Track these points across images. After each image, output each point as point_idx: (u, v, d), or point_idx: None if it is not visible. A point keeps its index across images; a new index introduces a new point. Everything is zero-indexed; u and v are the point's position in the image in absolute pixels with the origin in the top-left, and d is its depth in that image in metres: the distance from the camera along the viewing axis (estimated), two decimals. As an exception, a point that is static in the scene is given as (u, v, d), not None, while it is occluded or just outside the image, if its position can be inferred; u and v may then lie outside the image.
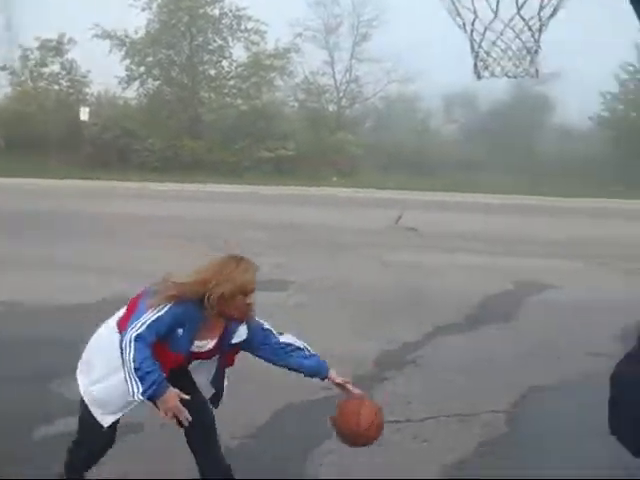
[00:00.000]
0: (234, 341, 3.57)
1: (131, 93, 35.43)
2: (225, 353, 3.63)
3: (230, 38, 34.84)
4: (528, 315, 8.67)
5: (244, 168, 31.37)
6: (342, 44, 38.71)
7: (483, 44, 3.04)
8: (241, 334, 3.57)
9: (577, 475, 4.29)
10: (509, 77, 3.10)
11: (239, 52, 35.25)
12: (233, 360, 3.73)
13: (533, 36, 3.02)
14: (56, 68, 34.80)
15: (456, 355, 6.84)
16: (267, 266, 11.20)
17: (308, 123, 36.10)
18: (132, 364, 3.17)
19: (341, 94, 39.21)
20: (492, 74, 3.13)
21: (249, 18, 34.19)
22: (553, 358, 6.80)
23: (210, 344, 3.52)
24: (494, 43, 3.05)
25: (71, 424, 4.74)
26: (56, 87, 35.12)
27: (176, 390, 3.27)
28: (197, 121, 33.78)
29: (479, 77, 3.22)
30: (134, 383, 3.19)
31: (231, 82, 35.54)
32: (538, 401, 5.74)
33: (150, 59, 34.22)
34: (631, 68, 35.57)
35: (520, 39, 3.03)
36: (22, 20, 40.52)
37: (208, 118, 34.58)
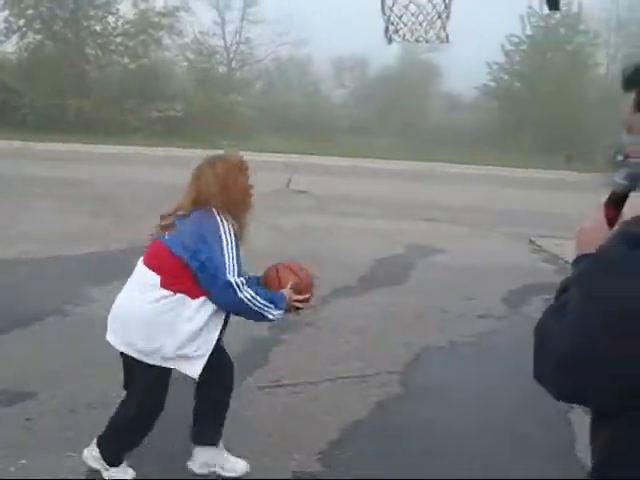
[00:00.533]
0: None
1: (10, 47, 33.72)
2: None
3: (117, -7, 33.62)
4: (418, 278, 8.86)
5: (133, 128, 30.52)
6: (233, 4, 38.14)
7: (394, 8, 3.03)
8: None
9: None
10: (419, 42, 3.10)
11: (126, 8, 34.06)
12: None
13: (444, 1, 3.03)
14: None
15: (351, 317, 6.93)
16: (154, 229, 11.02)
17: (198, 84, 35.44)
18: (255, 299, 3.38)
19: (232, 55, 38.68)
20: (403, 38, 3.13)
21: (138, -28, 33.12)
22: (443, 319, 7.00)
23: None
24: (406, 7, 3.05)
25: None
26: None
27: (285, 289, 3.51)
28: (83, 78, 32.50)
29: (390, 41, 3.22)
30: (267, 309, 3.43)
31: (118, 39, 34.36)
32: (430, 361, 5.89)
33: (31, 12, 32.57)
34: (516, 39, 36.57)
35: (432, 3, 3.03)
36: None
37: (94, 75, 33.40)
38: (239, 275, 3.39)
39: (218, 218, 3.43)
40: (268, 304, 3.42)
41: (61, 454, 3.88)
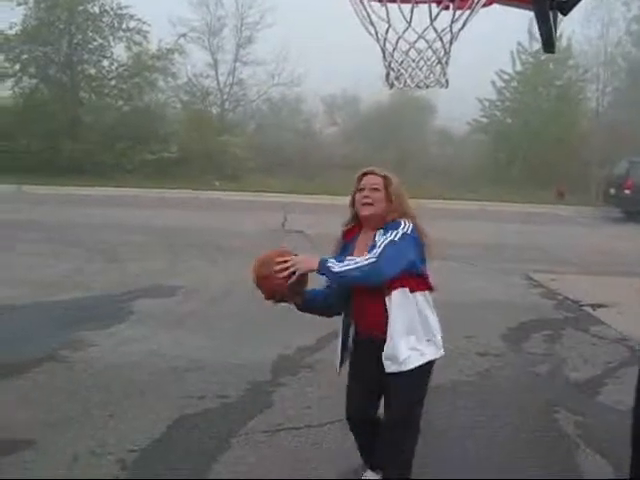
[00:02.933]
0: None
1: (5, 92, 33.94)
2: None
3: (111, 37, 33.91)
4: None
5: (126, 171, 30.62)
6: (226, 46, 38.50)
7: (395, 54, 3.08)
8: None
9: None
10: (420, 87, 3.15)
11: (120, 52, 34.39)
12: None
13: (444, 47, 3.08)
14: None
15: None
16: (152, 271, 11.04)
17: (192, 125, 35.64)
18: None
19: (225, 96, 38.96)
20: (404, 84, 3.18)
21: (131, 17, 33.40)
22: (442, 357, 6.94)
23: None
24: (407, 53, 3.09)
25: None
26: None
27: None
28: (77, 122, 32.68)
29: (391, 87, 3.27)
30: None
31: (112, 82, 34.62)
32: (430, 400, 5.84)
33: (26, 56, 32.85)
34: (507, 76, 36.93)
35: (432, 49, 3.08)
36: None
37: (88, 119, 33.59)
38: None
39: None
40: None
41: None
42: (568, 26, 32.60)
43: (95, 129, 32.79)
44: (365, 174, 3.76)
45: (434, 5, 2.94)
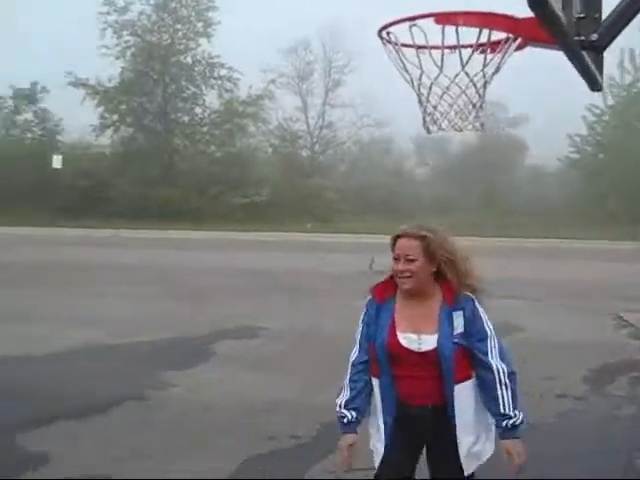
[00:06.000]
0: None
1: (104, 141, 35.52)
2: None
3: (203, 86, 35.21)
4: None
5: (219, 215, 31.37)
6: (315, 90, 39.24)
7: (430, 98, 3.13)
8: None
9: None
10: (456, 130, 3.18)
11: (212, 99, 35.61)
12: None
13: (477, 92, 3.11)
14: (29, 116, 34.92)
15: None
16: (241, 313, 11.26)
17: (282, 169, 36.34)
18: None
19: (314, 139, 39.57)
20: (440, 128, 3.22)
21: (222, 65, 34.59)
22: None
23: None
24: (441, 98, 3.14)
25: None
26: (29, 135, 35.18)
27: None
28: (171, 168, 33.87)
29: (428, 131, 3.31)
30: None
31: (204, 129, 35.80)
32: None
33: (123, 107, 34.43)
34: (597, 110, 36.23)
35: (465, 95, 3.12)
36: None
37: (182, 165, 34.70)
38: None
39: None
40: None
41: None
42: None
43: (189, 174, 33.82)
44: (398, 237, 3.24)
45: (467, 51, 2.98)
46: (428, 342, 3.12)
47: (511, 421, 3.13)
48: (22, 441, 5.50)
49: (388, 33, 3.17)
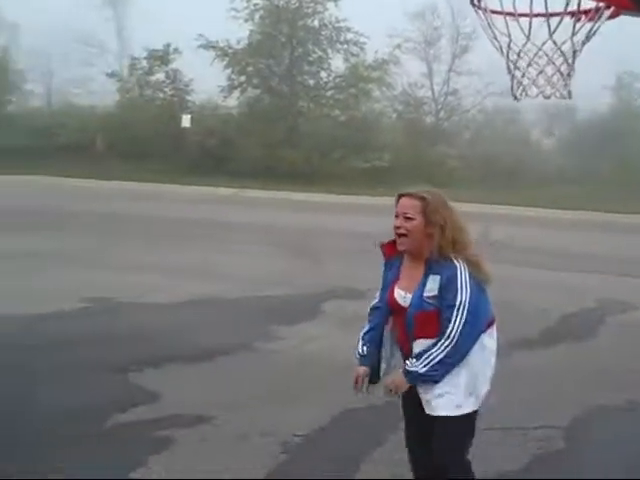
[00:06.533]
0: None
1: (232, 102, 36.28)
2: None
3: (329, 49, 35.24)
4: (607, 335, 8.53)
5: (339, 178, 31.56)
6: (442, 56, 38.63)
7: (519, 64, 3.16)
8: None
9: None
10: (545, 97, 3.20)
11: (338, 63, 35.63)
12: None
13: (566, 60, 3.11)
14: (161, 76, 36.08)
15: (525, 368, 6.83)
16: (352, 275, 11.45)
17: (405, 135, 36.11)
18: None
19: (439, 106, 39.08)
20: (526, 94, 3.25)
21: (348, 29, 34.52)
22: (627, 379, 6.70)
23: None
24: (529, 65, 3.16)
25: (145, 412, 5.14)
26: (160, 95, 36.40)
27: None
28: (294, 131, 34.30)
29: (516, 98, 3.34)
30: None
31: (329, 93, 35.94)
32: (602, 419, 5.71)
33: (251, 69, 35.00)
34: None
35: (553, 63, 3.13)
36: (131, 32, 42.46)
37: (306, 128, 35.06)
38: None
39: None
40: None
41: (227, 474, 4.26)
42: None
43: (312, 137, 34.15)
44: (401, 196, 3.40)
45: (556, 18, 2.98)
46: (408, 300, 3.40)
47: (412, 368, 3.32)
48: (136, 379, 5.95)
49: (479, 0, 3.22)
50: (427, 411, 3.45)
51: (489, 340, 3.49)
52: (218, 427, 5.04)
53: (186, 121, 31.85)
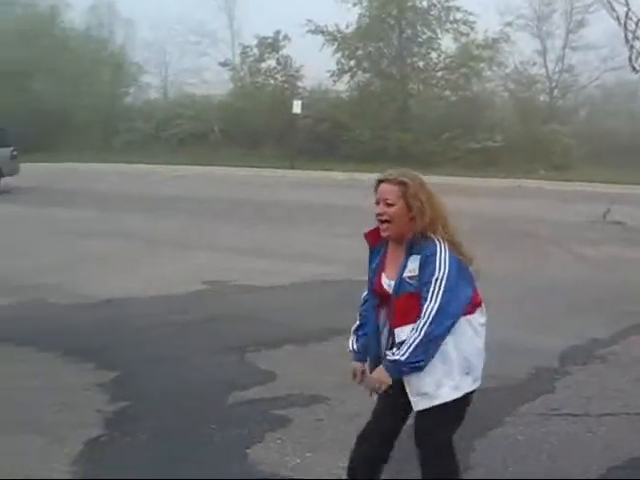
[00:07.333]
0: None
1: (342, 86, 36.43)
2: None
3: (439, 30, 34.82)
4: None
5: (452, 159, 31.20)
6: (555, 32, 37.46)
7: (638, 34, 3.06)
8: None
9: None
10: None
11: (448, 43, 35.17)
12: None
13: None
14: (272, 63, 36.62)
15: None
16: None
17: (518, 114, 35.30)
18: None
19: (553, 84, 37.97)
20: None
21: (457, 9, 34.00)
22: None
23: None
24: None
25: (261, 392, 5.33)
26: (272, 82, 36.94)
27: None
28: (405, 112, 34.13)
29: (634, 69, 3.23)
30: None
31: (439, 73, 35.54)
32: None
33: (360, 52, 35.02)
34: None
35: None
36: (242, 20, 43.26)
37: (416, 109, 34.84)
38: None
39: None
40: None
41: (342, 453, 4.33)
42: None
43: (423, 119, 33.91)
44: (380, 181, 3.35)
45: None
46: (392, 285, 3.31)
47: (393, 357, 3.19)
48: (252, 359, 6.16)
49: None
50: (419, 407, 3.31)
51: (479, 320, 3.43)
52: (332, 407, 5.15)
53: (297, 107, 32.20)
